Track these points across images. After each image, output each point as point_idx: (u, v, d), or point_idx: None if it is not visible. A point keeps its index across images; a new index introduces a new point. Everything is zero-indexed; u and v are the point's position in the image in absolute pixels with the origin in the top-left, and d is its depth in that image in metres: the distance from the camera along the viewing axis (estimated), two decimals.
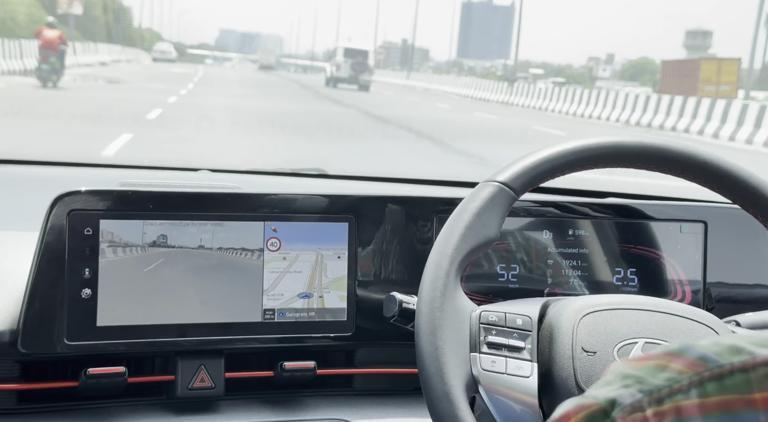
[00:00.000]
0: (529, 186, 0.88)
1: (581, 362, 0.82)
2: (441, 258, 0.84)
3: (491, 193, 0.87)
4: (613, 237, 1.20)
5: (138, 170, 1.46)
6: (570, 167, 0.90)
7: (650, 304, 0.88)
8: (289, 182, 1.39)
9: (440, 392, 0.78)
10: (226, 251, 1.08)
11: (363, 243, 1.12)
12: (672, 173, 0.91)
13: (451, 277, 0.84)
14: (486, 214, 0.86)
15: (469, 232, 0.85)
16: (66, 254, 1.00)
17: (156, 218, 1.05)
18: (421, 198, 1.15)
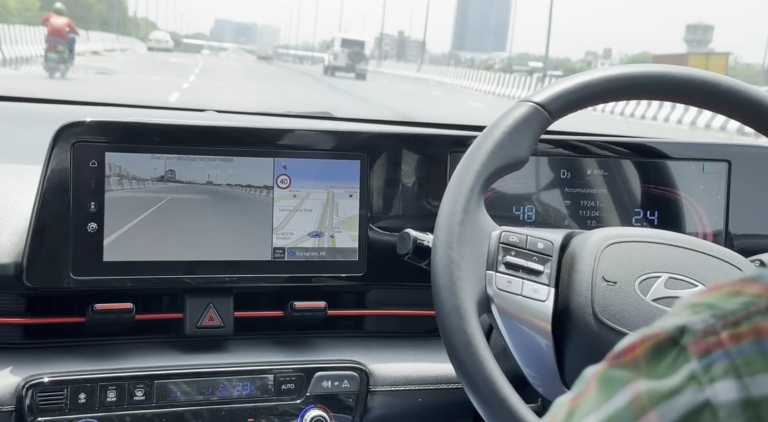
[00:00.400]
0: (566, 110, 0.85)
1: (600, 290, 0.80)
2: (466, 173, 0.82)
3: (526, 113, 0.84)
4: (633, 177, 1.18)
5: (143, 109, 1.44)
6: (611, 95, 0.86)
7: (676, 239, 0.85)
8: (298, 122, 1.37)
9: (451, 305, 0.77)
10: (234, 187, 1.06)
11: (375, 182, 1.10)
12: (719, 110, 0.88)
13: (474, 193, 0.81)
14: (518, 134, 0.83)
15: (499, 150, 0.83)
16: (71, 187, 0.98)
17: (163, 152, 1.03)
18: (435, 136, 1.13)
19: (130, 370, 0.99)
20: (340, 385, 1.05)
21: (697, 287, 0.81)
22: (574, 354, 0.80)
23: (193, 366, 1.02)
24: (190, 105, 1.45)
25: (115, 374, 0.98)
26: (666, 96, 0.87)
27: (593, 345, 0.78)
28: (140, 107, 1.49)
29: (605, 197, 1.17)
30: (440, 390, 1.07)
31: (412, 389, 1.07)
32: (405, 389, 1.07)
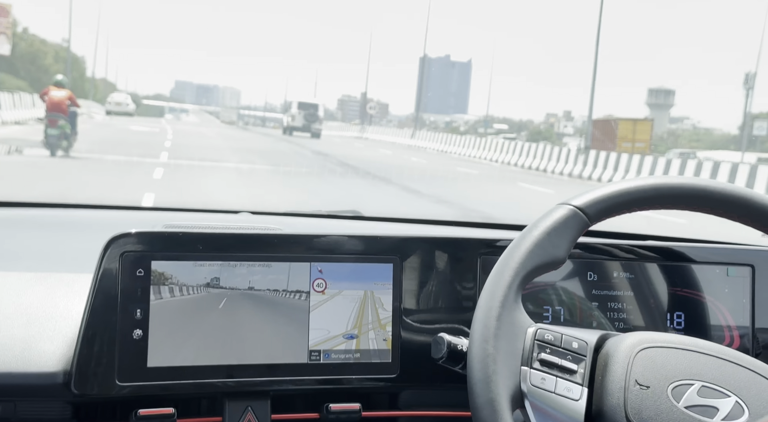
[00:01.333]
0: (604, 215, 0.91)
1: (633, 394, 0.83)
2: (504, 270, 0.87)
3: (565, 215, 0.89)
4: (658, 280, 1.23)
5: (179, 212, 1.49)
6: (648, 203, 0.91)
7: (710, 348, 0.88)
8: (328, 223, 1.43)
9: (485, 399, 0.80)
10: (273, 292, 1.11)
11: (407, 284, 1.16)
12: (753, 224, 0.93)
13: (512, 289, 0.86)
14: (556, 234, 0.88)
15: (537, 249, 0.88)
16: (119, 295, 1.03)
17: (205, 259, 1.09)
18: (464, 239, 1.19)
19: None
20: None
21: (730, 398, 0.84)
22: None
23: None
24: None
25: None
26: (702, 208, 0.93)
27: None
28: (177, 210, 1.55)
29: (631, 299, 1.22)
30: None
31: None
32: None
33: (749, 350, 1.24)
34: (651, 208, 0.93)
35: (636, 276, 1.23)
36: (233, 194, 10.66)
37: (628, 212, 0.93)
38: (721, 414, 0.83)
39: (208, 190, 10.93)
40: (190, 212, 1.47)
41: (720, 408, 0.83)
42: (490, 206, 11.37)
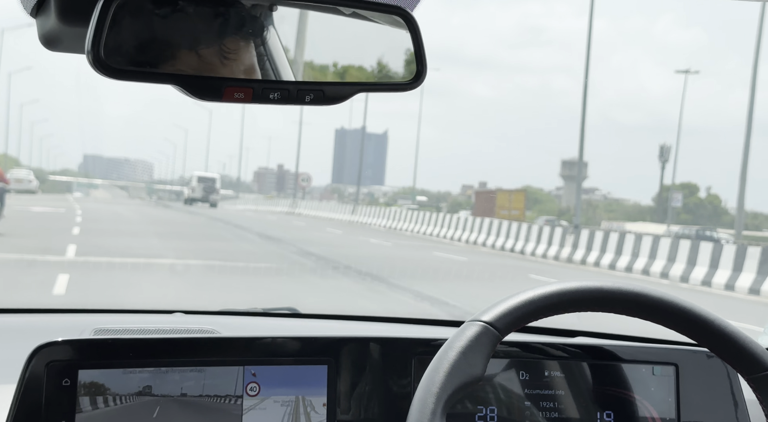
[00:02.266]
0: (513, 327, 0.95)
1: None
2: (427, 397, 0.89)
3: (476, 332, 0.93)
4: (587, 378, 1.27)
5: (110, 314, 1.47)
6: (553, 310, 0.97)
7: None
8: (263, 323, 1.43)
9: None
10: (206, 398, 1.11)
11: (342, 386, 1.17)
12: (652, 320, 1.00)
13: (437, 416, 0.88)
14: (471, 353, 0.92)
15: (455, 371, 0.91)
16: (43, 406, 1.01)
17: (136, 366, 1.08)
18: (399, 340, 1.22)
19: None
20: None
21: None
22: None
23: None
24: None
25: None
26: (602, 308, 0.99)
27: None
28: (107, 311, 1.53)
29: (563, 397, 1.26)
30: None
31: None
32: None
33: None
34: (557, 313, 0.98)
35: (567, 375, 1.27)
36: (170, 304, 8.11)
37: (536, 319, 0.97)
38: None
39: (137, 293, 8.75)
40: (122, 314, 1.46)
41: None
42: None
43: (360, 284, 11.24)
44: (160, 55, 0.90)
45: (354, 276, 12.00)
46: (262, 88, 0.93)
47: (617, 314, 1.00)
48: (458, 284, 12.16)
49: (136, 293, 8.79)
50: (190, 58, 0.91)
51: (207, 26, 0.92)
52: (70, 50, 0.97)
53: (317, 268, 13.04)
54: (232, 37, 0.93)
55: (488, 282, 12.67)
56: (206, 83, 0.89)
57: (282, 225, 26.96)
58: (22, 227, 16.35)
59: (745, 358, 0.98)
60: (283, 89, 0.94)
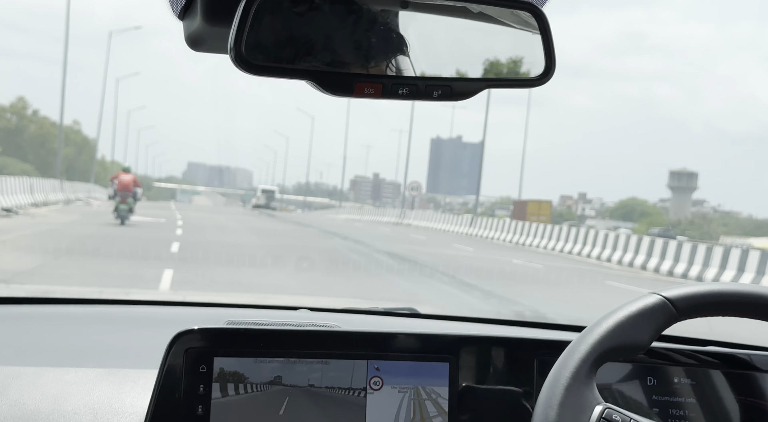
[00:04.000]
0: (694, 313, 0.91)
1: None
2: (580, 344, 0.88)
3: (653, 303, 0.90)
4: (720, 387, 1.23)
5: (240, 308, 1.54)
6: (743, 311, 0.92)
7: None
8: (384, 320, 1.46)
9: None
10: (331, 389, 1.14)
11: (463, 383, 1.18)
12: None
13: (586, 364, 0.87)
14: (641, 319, 0.89)
15: (618, 330, 0.88)
16: (182, 390, 1.07)
17: (267, 356, 1.12)
18: (521, 339, 1.23)
19: None
20: None
21: None
22: None
23: None
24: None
25: None
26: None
27: None
28: (237, 306, 1.60)
29: (694, 406, 1.22)
30: None
31: None
32: None
33: None
34: (746, 316, 0.93)
35: (697, 383, 1.23)
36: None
37: (720, 315, 0.93)
38: None
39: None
40: (251, 309, 1.52)
41: None
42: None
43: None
44: (297, 51, 0.93)
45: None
46: (392, 83, 0.94)
47: None
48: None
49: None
50: (323, 54, 0.94)
51: (341, 24, 0.95)
52: (212, 50, 1.01)
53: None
54: (364, 35, 0.96)
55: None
56: (338, 79, 0.92)
57: (401, 239, 24.30)
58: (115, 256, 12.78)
59: None
60: (411, 85, 0.95)
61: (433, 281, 12.37)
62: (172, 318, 1.58)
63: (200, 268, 11.37)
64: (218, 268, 11.72)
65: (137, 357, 1.29)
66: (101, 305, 1.70)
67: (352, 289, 10.25)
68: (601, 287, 12.64)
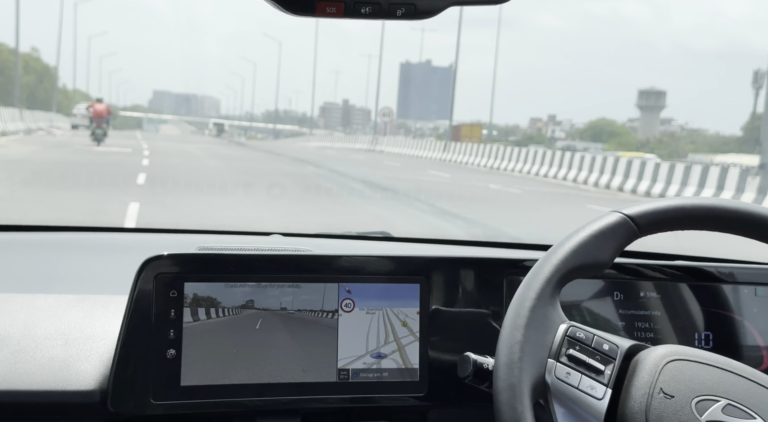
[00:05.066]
0: (654, 228, 0.93)
1: (656, 401, 0.86)
2: (545, 264, 0.90)
3: (615, 221, 0.92)
4: (685, 300, 1.27)
5: (211, 234, 1.54)
6: (702, 224, 0.94)
7: (740, 369, 0.91)
8: (357, 244, 1.47)
9: (507, 382, 0.84)
10: (304, 312, 1.16)
11: (434, 303, 1.21)
12: None
13: (550, 284, 0.89)
14: (603, 238, 0.91)
15: (581, 249, 0.90)
16: (153, 316, 1.08)
17: (238, 280, 1.13)
18: (491, 260, 1.24)
19: None
20: None
21: (755, 420, 0.86)
22: None
23: None
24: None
25: None
26: (755, 235, 0.94)
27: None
28: (209, 232, 1.59)
29: (659, 318, 1.25)
30: None
31: None
32: None
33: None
34: (705, 229, 0.95)
35: (663, 296, 1.26)
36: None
37: (680, 229, 0.94)
38: None
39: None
40: (222, 235, 1.52)
41: None
42: None
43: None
44: None
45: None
46: (354, 2, 0.93)
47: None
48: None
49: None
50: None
51: None
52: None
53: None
54: None
55: None
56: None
57: (375, 166, 23.96)
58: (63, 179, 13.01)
59: None
60: (374, 3, 0.93)
61: (413, 210, 12.11)
62: (142, 245, 1.58)
63: (168, 200, 11.03)
64: (187, 200, 11.36)
65: (108, 283, 1.29)
66: (68, 232, 1.69)
67: (330, 221, 10.01)
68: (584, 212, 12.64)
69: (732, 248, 1.43)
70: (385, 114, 47.69)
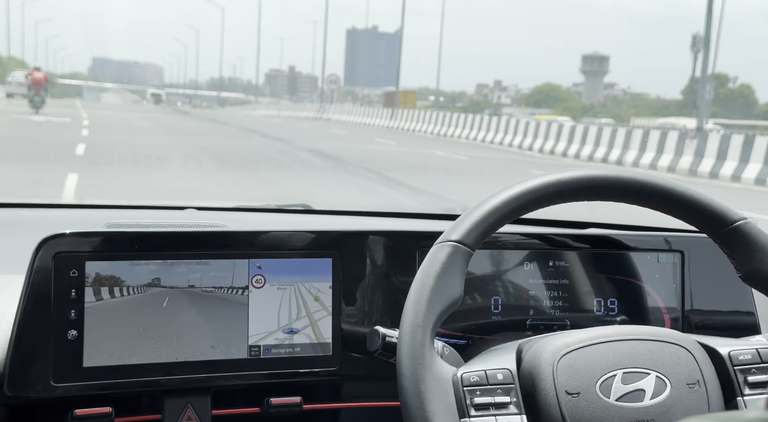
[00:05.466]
0: (482, 238, 0.95)
1: (567, 405, 0.88)
2: (414, 329, 0.90)
3: (448, 253, 0.93)
4: (593, 267, 1.29)
5: (123, 210, 1.50)
6: (517, 212, 0.96)
7: (622, 333, 0.94)
8: (274, 218, 1.45)
9: None
10: (213, 289, 1.14)
11: (347, 278, 1.20)
12: (610, 199, 0.98)
13: (426, 347, 0.89)
14: (447, 275, 0.92)
15: (435, 297, 0.91)
16: (52, 296, 1.05)
17: (142, 258, 1.11)
18: (402, 232, 1.24)
19: None
20: None
21: (650, 375, 0.90)
22: None
23: None
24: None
25: None
26: (565, 200, 0.98)
27: None
28: (121, 207, 1.55)
29: (568, 286, 1.27)
30: None
31: None
32: None
33: (680, 330, 1.30)
34: (521, 215, 0.97)
35: (572, 265, 1.28)
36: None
37: (503, 225, 0.96)
38: (648, 394, 0.89)
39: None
40: (134, 209, 1.48)
41: (645, 389, 0.89)
42: None
43: None
44: None
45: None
46: None
47: (579, 201, 0.99)
48: None
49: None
50: None
51: None
52: None
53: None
54: None
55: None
56: None
57: (322, 135, 23.81)
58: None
59: (710, 217, 0.97)
60: None
61: (359, 178, 12.08)
62: (47, 222, 1.53)
63: (109, 172, 10.79)
64: (129, 171, 11.14)
65: (5, 262, 1.25)
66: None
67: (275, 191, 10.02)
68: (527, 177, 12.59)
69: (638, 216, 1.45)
70: (332, 81, 47.43)
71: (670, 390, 0.90)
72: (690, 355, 0.93)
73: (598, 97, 79.04)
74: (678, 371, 0.91)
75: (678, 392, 0.90)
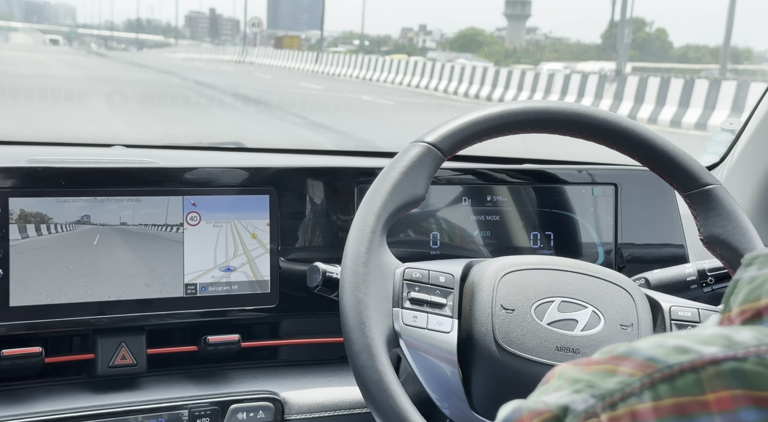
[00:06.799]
0: (457, 148, 0.95)
1: (500, 318, 0.89)
2: (367, 215, 0.90)
3: (419, 153, 0.93)
4: (529, 202, 1.30)
5: (47, 146, 1.42)
6: (497, 131, 0.96)
7: (567, 265, 0.95)
8: (207, 155, 1.41)
9: (361, 345, 0.84)
10: (146, 226, 1.10)
11: (284, 215, 1.18)
12: (594, 139, 1.00)
13: (376, 234, 0.89)
14: (413, 173, 0.92)
15: (396, 190, 0.91)
16: None
17: (70, 195, 1.06)
18: (341, 169, 1.22)
19: (41, 414, 1.02)
20: (255, 416, 1.11)
21: (587, 309, 0.92)
22: (479, 379, 0.89)
23: (106, 407, 1.06)
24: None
25: (25, 419, 1.01)
26: (547, 130, 0.99)
27: (496, 370, 0.88)
28: (44, 144, 1.47)
29: (505, 221, 1.28)
30: (354, 415, 1.17)
31: (326, 415, 1.15)
32: (320, 416, 1.15)
33: (613, 264, 1.33)
34: (500, 135, 0.97)
35: (509, 199, 1.29)
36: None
37: (481, 141, 0.96)
38: (580, 325, 0.91)
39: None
40: (58, 146, 1.41)
41: (579, 320, 0.91)
42: None
43: None
44: None
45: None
46: None
47: (561, 135, 1.00)
48: None
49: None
50: None
51: None
52: None
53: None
54: None
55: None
56: None
57: (246, 79, 23.42)
58: None
59: (683, 175, 0.99)
60: None
61: (286, 123, 11.87)
62: None
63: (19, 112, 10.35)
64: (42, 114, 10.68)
65: None
66: None
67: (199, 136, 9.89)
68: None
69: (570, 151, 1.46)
70: (255, 24, 46.63)
71: (603, 327, 0.91)
72: (631, 299, 0.95)
73: (520, 41, 79.52)
74: (615, 311, 0.93)
75: (610, 330, 0.91)
